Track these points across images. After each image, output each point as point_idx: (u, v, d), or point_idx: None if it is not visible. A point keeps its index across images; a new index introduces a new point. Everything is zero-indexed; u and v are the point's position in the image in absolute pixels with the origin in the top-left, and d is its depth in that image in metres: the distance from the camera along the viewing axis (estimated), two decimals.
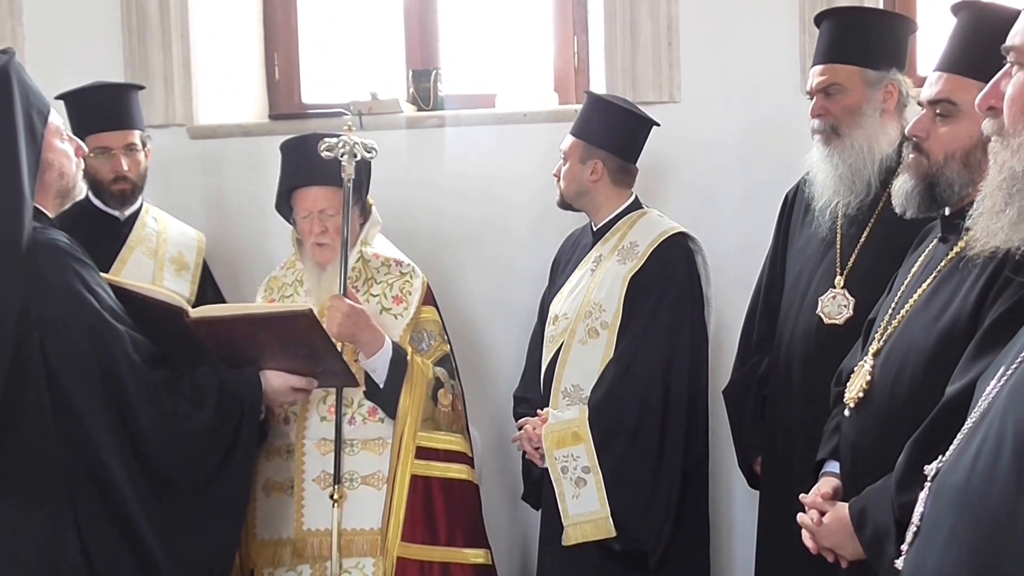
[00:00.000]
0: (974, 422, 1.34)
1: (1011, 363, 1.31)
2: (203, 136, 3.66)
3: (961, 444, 1.35)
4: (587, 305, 2.97)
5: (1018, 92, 1.28)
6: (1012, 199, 1.28)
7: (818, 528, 2.03)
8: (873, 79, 2.57)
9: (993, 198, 1.32)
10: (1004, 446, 1.21)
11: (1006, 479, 1.19)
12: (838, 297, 2.58)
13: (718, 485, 3.32)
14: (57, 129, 2.42)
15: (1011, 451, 1.20)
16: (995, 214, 1.31)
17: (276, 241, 3.33)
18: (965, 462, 1.30)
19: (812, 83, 2.63)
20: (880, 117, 2.56)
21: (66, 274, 2.32)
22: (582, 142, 3.02)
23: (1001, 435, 1.23)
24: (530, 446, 2.96)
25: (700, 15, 3.40)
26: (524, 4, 3.86)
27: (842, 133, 2.57)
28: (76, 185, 2.49)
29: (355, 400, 2.77)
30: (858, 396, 2.03)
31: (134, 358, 2.35)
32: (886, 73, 2.57)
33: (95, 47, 3.60)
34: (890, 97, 2.58)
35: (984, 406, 1.33)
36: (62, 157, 2.41)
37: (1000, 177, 1.30)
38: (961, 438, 1.36)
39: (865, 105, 2.56)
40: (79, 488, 2.28)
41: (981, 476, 1.25)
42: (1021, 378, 1.27)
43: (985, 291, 1.83)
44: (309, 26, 3.94)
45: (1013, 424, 1.21)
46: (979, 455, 1.27)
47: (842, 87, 2.57)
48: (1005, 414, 1.25)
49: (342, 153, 2.73)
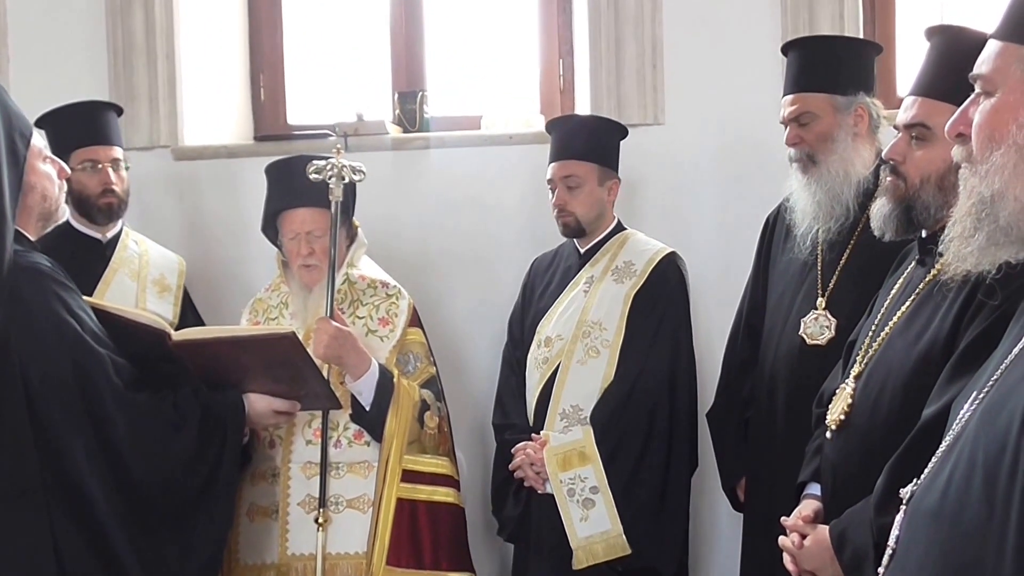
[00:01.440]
0: (948, 445, 1.35)
1: (982, 387, 1.32)
2: (188, 157, 3.66)
3: (935, 468, 1.36)
4: (584, 325, 2.99)
5: (985, 119, 1.30)
6: (981, 224, 1.30)
7: (799, 551, 2.02)
8: (842, 104, 2.60)
9: (963, 223, 1.33)
10: (976, 470, 1.22)
11: (978, 503, 1.20)
12: (820, 318, 2.59)
13: (702, 506, 3.32)
14: (40, 151, 2.41)
15: (982, 475, 1.21)
16: (965, 239, 1.33)
17: (259, 263, 3.33)
18: (938, 486, 1.31)
19: (784, 113, 2.66)
20: (853, 141, 2.59)
21: (48, 298, 2.31)
22: (597, 166, 3.03)
23: (973, 459, 1.24)
24: (532, 471, 2.96)
25: (684, 38, 3.42)
26: (510, 26, 3.88)
27: (818, 160, 2.60)
28: (59, 208, 2.48)
29: (341, 423, 2.77)
30: (839, 418, 2.04)
31: (115, 381, 2.34)
32: (854, 97, 2.60)
33: (80, 68, 3.61)
34: (861, 120, 2.60)
35: (957, 430, 1.34)
36: (44, 180, 2.41)
37: (969, 203, 1.32)
38: (935, 462, 1.37)
39: (837, 131, 2.59)
40: (58, 512, 2.26)
41: (953, 500, 1.26)
42: (991, 402, 1.28)
43: (961, 314, 1.85)
44: (295, 47, 3.95)
45: (984, 448, 1.23)
46: (952, 479, 1.28)
47: (813, 115, 2.60)
48: (976, 438, 1.26)
49: (330, 176, 2.74)
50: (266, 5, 3.91)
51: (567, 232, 3.09)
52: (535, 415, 3.03)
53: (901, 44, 3.47)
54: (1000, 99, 1.28)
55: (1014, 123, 1.25)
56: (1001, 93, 1.27)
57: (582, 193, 3.03)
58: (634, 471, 2.89)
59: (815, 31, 3.27)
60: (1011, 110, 1.26)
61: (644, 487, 2.89)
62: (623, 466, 2.89)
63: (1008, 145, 1.26)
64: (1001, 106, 1.27)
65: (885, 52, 3.43)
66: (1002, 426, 1.21)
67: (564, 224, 3.06)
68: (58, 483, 2.26)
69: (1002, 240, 1.29)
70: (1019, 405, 1.19)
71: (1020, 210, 1.26)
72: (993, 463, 1.20)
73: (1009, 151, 1.26)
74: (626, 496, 2.88)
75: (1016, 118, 1.25)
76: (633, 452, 2.90)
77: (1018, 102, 1.25)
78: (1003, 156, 1.26)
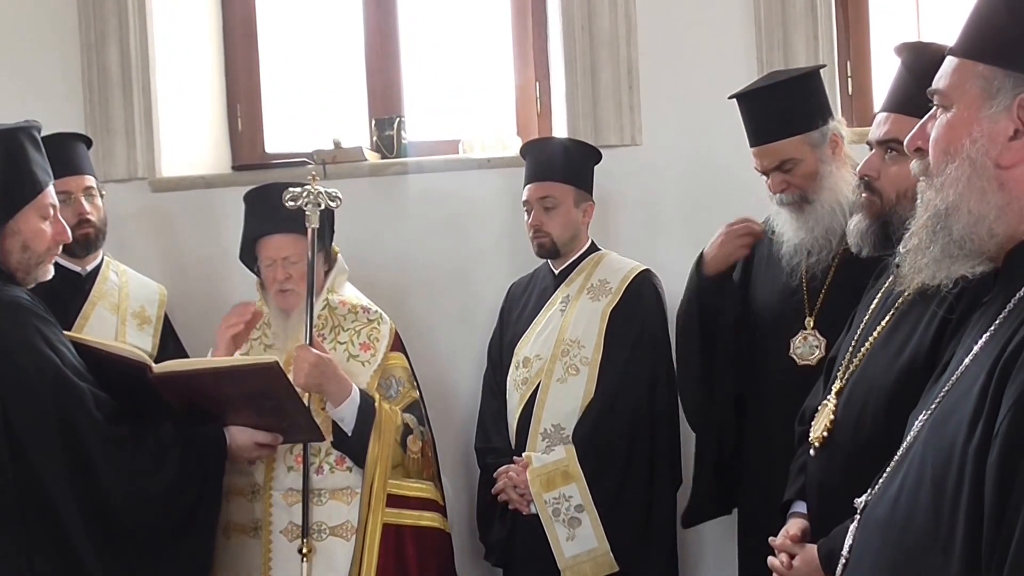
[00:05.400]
0: (899, 457, 1.38)
1: (932, 400, 1.35)
2: (166, 189, 3.65)
3: (887, 478, 1.39)
4: (562, 344, 3.00)
5: (941, 134, 1.32)
6: (936, 237, 1.32)
7: (788, 572, 2.02)
8: (817, 139, 2.58)
9: (919, 235, 1.36)
10: (924, 481, 1.26)
11: (925, 513, 1.24)
12: (809, 338, 2.60)
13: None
14: (46, 206, 2.44)
15: (930, 486, 1.24)
16: (920, 251, 1.35)
17: (239, 292, 3.31)
18: (889, 496, 1.35)
19: (761, 164, 2.62)
20: (837, 170, 2.57)
21: (27, 332, 2.32)
22: (573, 187, 3.05)
23: (921, 470, 1.28)
24: (515, 493, 2.95)
25: (658, 59, 3.44)
26: (486, 51, 3.90)
27: (811, 199, 2.57)
28: (41, 264, 2.47)
29: (322, 449, 2.76)
30: (822, 435, 2.03)
31: (96, 416, 2.34)
32: (826, 127, 2.59)
33: (56, 102, 3.59)
34: (837, 147, 2.60)
35: (909, 440, 1.37)
36: (33, 232, 2.41)
37: (925, 216, 1.35)
38: (888, 472, 1.40)
39: (821, 167, 2.57)
40: (35, 543, 2.25)
41: (903, 510, 1.30)
42: (940, 413, 1.31)
43: (942, 327, 1.85)
44: (271, 76, 3.96)
45: (932, 459, 1.26)
46: (902, 489, 1.32)
47: (795, 160, 2.57)
48: (925, 450, 1.29)
49: (307, 203, 2.74)
50: (241, 35, 3.91)
51: (542, 252, 3.11)
52: (517, 437, 3.03)
53: (876, 61, 3.51)
54: (955, 114, 1.30)
55: (967, 138, 1.28)
56: (957, 108, 1.30)
57: (558, 214, 3.04)
58: (619, 487, 2.90)
59: (790, 51, 3.31)
60: (965, 125, 1.29)
61: (629, 503, 2.90)
62: (608, 483, 2.89)
63: (962, 159, 1.28)
64: (956, 121, 1.30)
65: (860, 69, 3.48)
66: (948, 437, 1.24)
67: (539, 245, 3.08)
68: (36, 515, 2.26)
69: (956, 252, 1.31)
70: (965, 416, 1.21)
71: (973, 223, 1.28)
72: (940, 474, 1.23)
73: (963, 165, 1.28)
74: (612, 513, 2.88)
75: (970, 133, 1.28)
76: (617, 468, 2.90)
77: (972, 117, 1.28)
78: (957, 169, 1.29)
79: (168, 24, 3.71)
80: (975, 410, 1.20)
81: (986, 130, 1.27)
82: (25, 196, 2.39)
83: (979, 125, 1.28)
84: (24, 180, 2.40)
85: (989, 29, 1.28)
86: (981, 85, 1.27)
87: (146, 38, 3.62)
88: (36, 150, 2.44)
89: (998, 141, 1.26)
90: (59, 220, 2.48)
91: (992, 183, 1.27)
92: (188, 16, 3.80)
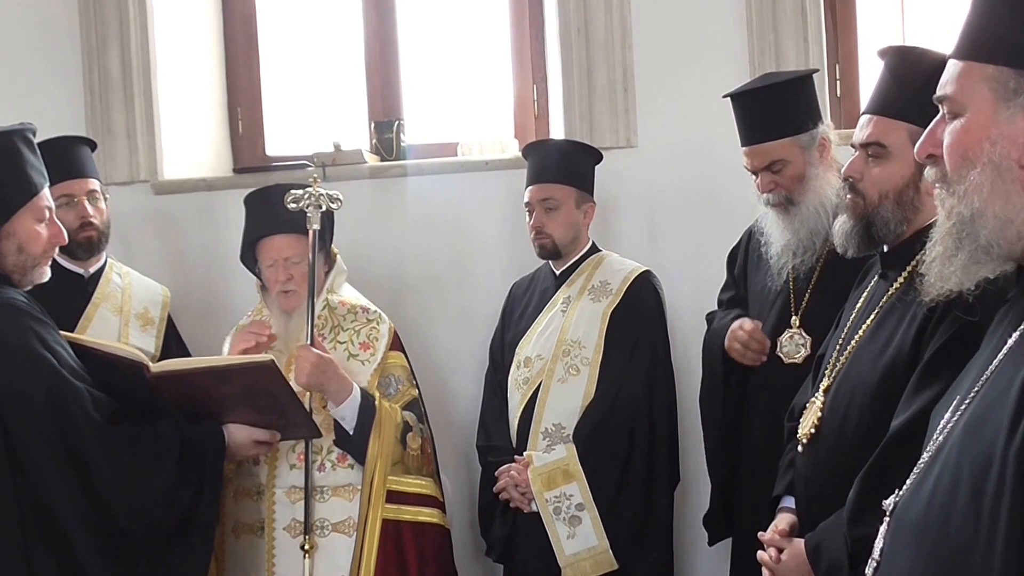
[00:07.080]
0: (930, 456, 1.34)
1: (965, 395, 1.31)
2: (167, 191, 3.68)
3: (918, 478, 1.35)
4: (563, 344, 3.03)
5: (957, 139, 1.29)
6: (962, 243, 1.29)
7: (777, 566, 2.06)
8: (806, 142, 2.60)
9: (944, 243, 1.32)
10: (960, 483, 1.22)
11: (964, 517, 1.20)
12: (795, 336, 2.63)
13: (685, 519, 3.33)
14: (42, 209, 2.43)
15: (968, 489, 1.21)
16: (947, 259, 1.32)
17: (241, 293, 3.34)
18: (922, 497, 1.31)
19: (752, 163, 2.65)
20: (824, 173, 2.60)
21: (23, 333, 2.31)
22: (574, 189, 3.08)
23: (957, 472, 1.24)
24: (516, 492, 2.98)
25: (653, 62, 3.46)
26: (484, 54, 3.92)
27: (797, 201, 2.60)
28: (37, 267, 2.46)
29: (324, 446, 2.78)
30: (810, 432, 2.07)
31: (94, 416, 2.34)
32: (815, 129, 2.61)
33: (58, 106, 3.62)
34: (824, 149, 2.62)
35: (940, 440, 1.33)
36: (28, 234, 2.41)
37: (949, 223, 1.31)
38: (917, 472, 1.36)
39: (809, 169, 2.60)
40: (33, 543, 2.25)
41: (939, 511, 1.26)
42: (974, 414, 1.27)
43: (924, 325, 1.88)
44: (272, 79, 3.99)
45: (969, 461, 1.22)
46: (936, 490, 1.28)
47: (784, 161, 2.60)
48: (961, 450, 1.26)
49: (308, 204, 2.78)
50: (242, 39, 3.94)
51: (543, 254, 3.13)
52: (518, 435, 3.06)
53: (864, 64, 3.54)
54: (970, 119, 1.27)
55: (987, 141, 1.25)
56: (970, 113, 1.27)
57: (560, 215, 3.07)
58: (618, 486, 2.93)
59: (781, 53, 3.34)
60: (983, 128, 1.25)
61: (629, 501, 2.93)
62: (607, 481, 2.92)
63: (984, 163, 1.25)
64: (971, 126, 1.27)
65: (848, 72, 3.51)
66: (987, 439, 1.20)
67: (541, 246, 3.11)
68: (34, 515, 2.26)
69: (983, 258, 1.28)
70: (1004, 418, 1.18)
71: (1000, 227, 1.25)
72: (979, 477, 1.19)
73: (985, 169, 1.25)
74: (611, 511, 2.91)
75: (988, 136, 1.25)
76: (616, 467, 2.93)
77: (988, 120, 1.25)
78: (980, 175, 1.25)
79: (169, 27, 3.74)
80: (1016, 410, 1.16)
81: (1005, 132, 1.24)
82: (20, 199, 2.39)
83: (997, 127, 1.24)
84: (19, 183, 2.39)
85: (994, 30, 1.25)
86: (993, 87, 1.24)
87: (147, 42, 3.65)
88: (31, 152, 2.44)
89: (1018, 142, 1.23)
90: (55, 222, 2.48)
91: (1016, 185, 1.23)
92: (189, 20, 3.83)
